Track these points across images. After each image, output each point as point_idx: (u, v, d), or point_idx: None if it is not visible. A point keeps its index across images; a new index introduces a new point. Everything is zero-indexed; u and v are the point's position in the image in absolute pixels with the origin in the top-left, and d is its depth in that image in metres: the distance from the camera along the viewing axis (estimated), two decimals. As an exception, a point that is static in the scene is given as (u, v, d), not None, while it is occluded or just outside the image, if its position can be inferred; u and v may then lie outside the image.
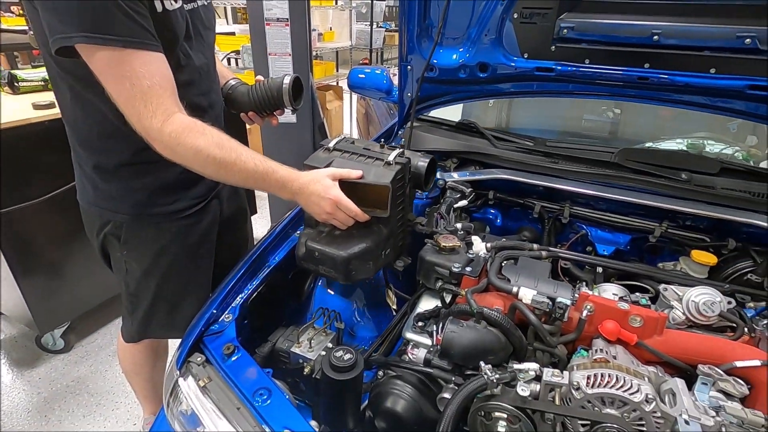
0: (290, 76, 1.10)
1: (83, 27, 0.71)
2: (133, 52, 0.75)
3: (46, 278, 1.73)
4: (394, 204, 0.88)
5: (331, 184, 0.84)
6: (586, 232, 1.23)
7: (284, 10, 2.02)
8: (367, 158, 0.91)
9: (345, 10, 3.82)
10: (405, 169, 0.90)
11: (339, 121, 4.30)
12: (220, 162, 0.81)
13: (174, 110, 0.80)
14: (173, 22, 0.84)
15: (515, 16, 1.23)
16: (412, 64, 1.42)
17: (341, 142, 0.96)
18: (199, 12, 0.96)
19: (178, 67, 0.90)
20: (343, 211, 0.85)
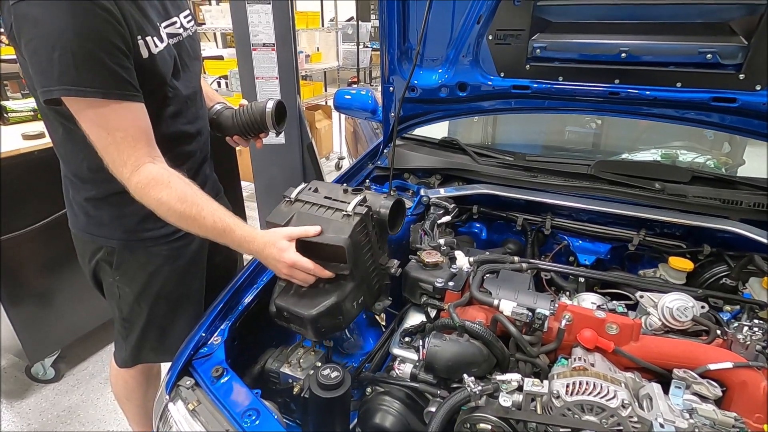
0: (273, 101, 1.13)
1: (64, 81, 0.75)
2: (111, 103, 0.79)
3: (35, 307, 1.73)
4: (357, 257, 0.86)
5: (286, 246, 0.84)
6: (567, 243, 1.26)
7: (270, 36, 2.07)
8: (327, 209, 0.89)
9: (331, 32, 3.92)
10: (366, 218, 0.87)
11: (328, 139, 4.35)
12: (180, 215, 0.86)
13: (144, 161, 0.84)
14: (159, 65, 0.89)
15: (490, 37, 1.28)
16: (394, 86, 1.46)
17: (304, 191, 0.95)
18: (185, 44, 1.00)
19: (166, 100, 0.94)
20: (301, 270, 0.84)
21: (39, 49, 0.75)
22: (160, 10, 0.94)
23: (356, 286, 0.88)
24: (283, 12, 2.05)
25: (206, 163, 1.15)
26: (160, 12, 0.94)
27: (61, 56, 0.74)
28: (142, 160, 0.83)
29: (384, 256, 0.97)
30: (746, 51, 1.07)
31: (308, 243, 0.85)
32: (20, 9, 0.74)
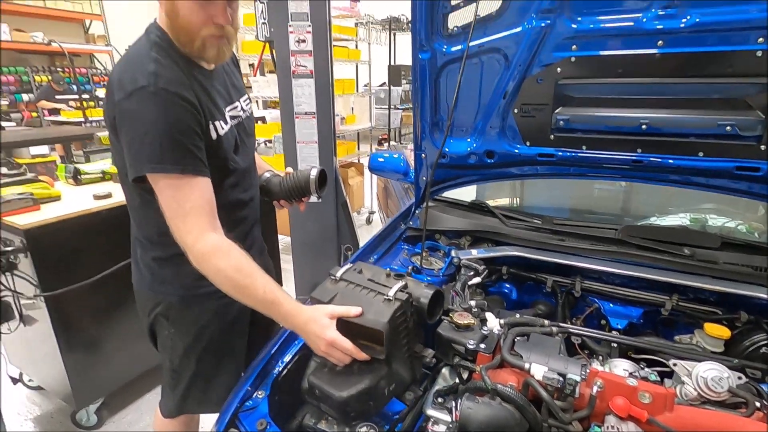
0: (316, 169, 1.26)
1: (152, 161, 0.90)
2: (185, 178, 0.93)
3: (86, 354, 1.84)
4: (393, 342, 0.87)
5: (328, 323, 0.88)
6: (598, 306, 1.27)
7: (312, 105, 2.29)
8: (370, 291, 0.92)
9: (365, 96, 4.21)
10: (406, 304, 0.89)
11: (360, 194, 4.53)
12: (235, 284, 0.94)
13: (207, 230, 0.94)
14: (224, 144, 1.04)
15: (516, 110, 1.39)
16: (425, 152, 1.58)
17: (349, 271, 0.99)
18: (244, 124, 1.16)
19: (227, 172, 1.08)
20: (339, 350, 0.87)
21: (135, 136, 0.91)
22: (225, 97, 1.10)
23: (390, 372, 0.89)
24: (324, 85, 2.27)
25: (256, 225, 1.27)
26: (225, 98, 1.10)
27: (151, 142, 0.89)
28: (205, 229, 0.94)
29: (419, 344, 0.97)
30: (765, 124, 1.12)
31: (348, 323, 0.88)
32: (123, 105, 0.91)
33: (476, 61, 1.38)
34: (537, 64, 1.31)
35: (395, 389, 0.92)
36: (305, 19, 2.14)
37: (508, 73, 1.34)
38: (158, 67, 0.93)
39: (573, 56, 1.26)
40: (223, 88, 1.10)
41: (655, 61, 1.18)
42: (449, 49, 1.39)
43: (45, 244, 1.63)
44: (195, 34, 0.96)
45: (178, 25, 0.96)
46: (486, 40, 1.34)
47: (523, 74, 1.32)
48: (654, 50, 1.17)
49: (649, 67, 1.20)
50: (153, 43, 0.97)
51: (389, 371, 0.89)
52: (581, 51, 1.25)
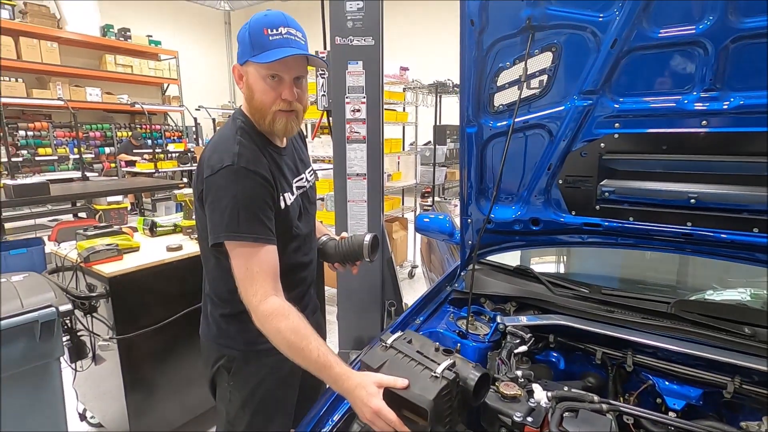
0: (370, 235, 1.35)
1: (230, 229, 1.04)
2: (257, 246, 1.04)
3: (147, 395, 1.96)
4: (437, 419, 0.88)
5: (375, 392, 0.89)
6: (653, 383, 1.23)
7: (363, 167, 2.45)
8: (418, 364, 0.93)
9: (411, 155, 4.41)
10: (452, 384, 0.90)
11: (403, 248, 4.61)
12: (291, 345, 1.01)
13: (270, 293, 1.04)
14: (291, 213, 1.17)
15: (560, 182, 1.45)
16: (471, 218, 1.65)
17: (399, 340, 1.01)
18: (308, 193, 1.30)
19: (291, 238, 1.20)
20: (383, 420, 0.88)
21: (217, 207, 1.05)
22: (293, 170, 1.25)
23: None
24: (375, 149, 2.44)
25: (312, 286, 1.37)
26: (293, 171, 1.25)
27: (231, 213, 1.03)
28: (269, 293, 1.04)
29: (461, 423, 0.96)
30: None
31: (394, 394, 0.89)
32: (210, 180, 1.07)
33: (521, 135, 1.46)
34: (580, 139, 1.37)
35: None
36: (361, 91, 2.36)
37: (552, 147, 1.42)
38: (241, 149, 1.09)
39: (616, 133, 1.32)
40: (292, 162, 1.25)
41: (701, 139, 1.21)
42: (495, 124, 1.49)
43: (124, 290, 1.82)
44: (267, 111, 1.11)
45: (254, 106, 1.13)
46: (530, 117, 1.43)
47: (567, 149, 1.39)
48: (698, 129, 1.20)
49: (694, 145, 1.23)
50: (238, 127, 1.15)
51: None
52: (624, 128, 1.31)
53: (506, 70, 1.42)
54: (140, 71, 9.25)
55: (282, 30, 1.05)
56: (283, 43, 1.05)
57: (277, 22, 1.06)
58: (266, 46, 1.05)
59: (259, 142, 1.15)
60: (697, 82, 1.17)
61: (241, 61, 1.11)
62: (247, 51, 1.08)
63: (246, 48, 1.08)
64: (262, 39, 1.05)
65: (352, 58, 2.33)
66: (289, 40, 1.06)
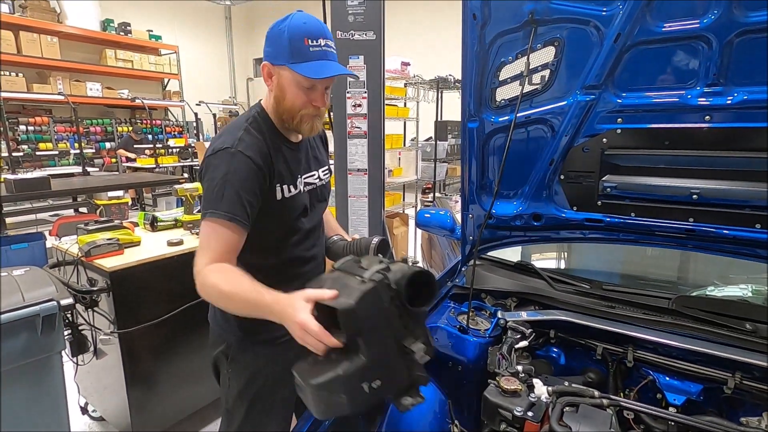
0: (378, 238, 1.30)
1: (211, 206, 1.06)
2: (226, 223, 1.05)
3: (148, 389, 1.97)
4: (369, 329, 0.79)
5: (302, 306, 0.84)
6: (653, 378, 1.23)
7: (364, 163, 2.45)
8: (354, 276, 0.84)
9: (412, 151, 4.40)
10: (382, 287, 0.80)
11: (404, 244, 4.60)
12: (224, 293, 0.99)
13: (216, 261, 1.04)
14: (290, 205, 1.18)
15: (562, 177, 1.44)
16: (472, 213, 1.65)
17: (348, 261, 0.93)
18: (317, 191, 1.31)
19: (293, 230, 1.20)
20: (311, 335, 0.82)
21: (208, 185, 1.09)
22: (303, 165, 1.26)
23: (369, 364, 0.79)
24: (376, 144, 2.44)
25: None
26: (303, 167, 1.26)
27: (217, 191, 1.06)
28: (216, 260, 1.04)
29: (411, 338, 0.85)
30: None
31: (324, 308, 0.82)
32: (208, 159, 1.11)
33: (522, 130, 1.46)
34: (582, 134, 1.36)
35: (381, 388, 0.81)
36: (362, 86, 2.35)
37: (554, 143, 1.41)
38: (243, 135, 1.13)
39: (619, 128, 1.31)
40: (304, 158, 1.27)
41: (703, 134, 1.21)
42: (497, 119, 1.48)
43: (125, 284, 1.82)
44: (296, 113, 1.15)
45: (283, 107, 1.15)
46: (532, 112, 1.42)
47: (568, 144, 1.38)
48: (701, 124, 1.20)
49: (697, 140, 1.22)
50: (250, 116, 1.19)
51: (367, 364, 0.79)
52: (627, 124, 1.30)
53: (508, 64, 1.41)
54: (141, 66, 9.22)
55: (321, 42, 1.09)
56: (322, 56, 1.09)
57: (317, 33, 1.09)
58: (306, 56, 1.08)
59: (269, 134, 1.18)
60: (700, 77, 1.16)
61: (275, 62, 1.12)
62: (285, 55, 1.09)
63: (283, 52, 1.09)
64: (302, 48, 1.08)
65: (354, 52, 2.32)
66: (327, 52, 1.10)
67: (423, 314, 0.88)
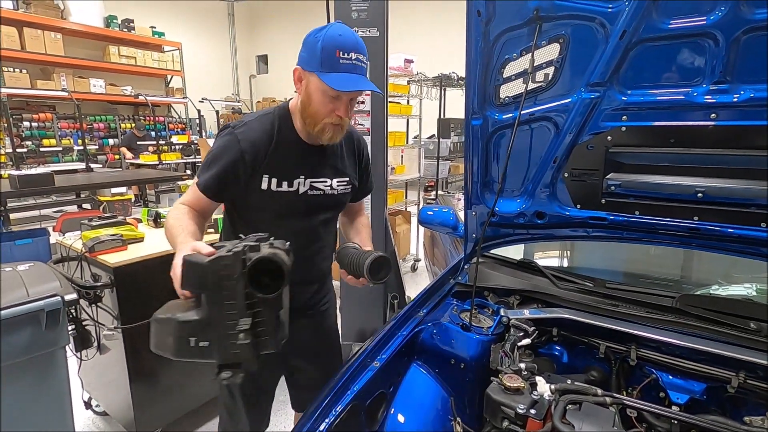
0: (374, 255, 1.20)
1: (198, 174, 1.23)
2: (196, 189, 1.21)
3: (151, 384, 1.98)
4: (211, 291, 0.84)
5: (185, 250, 0.94)
6: (656, 377, 1.23)
7: (367, 160, 2.44)
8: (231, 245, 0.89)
9: (415, 148, 4.40)
10: (236, 258, 0.82)
11: (406, 242, 4.61)
12: (167, 224, 1.16)
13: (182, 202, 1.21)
14: (274, 200, 1.24)
15: (566, 175, 1.44)
16: (475, 211, 1.65)
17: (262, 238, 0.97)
18: (322, 198, 1.31)
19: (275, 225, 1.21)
20: (173, 276, 0.95)
21: (207, 154, 1.23)
22: (314, 169, 1.28)
23: (201, 323, 0.85)
24: (379, 141, 2.43)
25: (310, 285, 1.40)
26: (314, 170, 1.28)
27: (206, 162, 1.21)
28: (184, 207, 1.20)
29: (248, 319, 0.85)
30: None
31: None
32: (220, 132, 1.25)
33: (526, 127, 1.45)
34: (587, 132, 1.36)
35: (207, 350, 0.85)
36: (365, 83, 2.34)
37: (558, 140, 1.40)
38: (252, 121, 1.22)
39: (623, 126, 1.31)
40: (318, 163, 1.29)
41: (709, 132, 1.20)
42: (500, 116, 1.48)
43: (128, 280, 1.83)
44: (319, 120, 1.19)
45: (308, 112, 1.19)
46: (536, 109, 1.41)
47: (573, 141, 1.38)
48: (707, 122, 1.19)
49: (703, 138, 1.22)
50: (272, 111, 1.27)
51: (201, 321, 0.85)
52: (632, 121, 1.30)
53: (513, 61, 1.41)
54: (144, 63, 9.23)
55: (353, 56, 1.13)
56: (351, 69, 1.13)
57: (349, 46, 1.12)
58: (336, 67, 1.12)
59: (282, 130, 1.23)
60: (707, 75, 1.16)
61: (306, 68, 1.17)
62: (316, 63, 1.13)
63: (315, 59, 1.13)
64: (333, 59, 1.11)
65: (357, 49, 2.31)
66: (357, 66, 1.14)
67: (272, 302, 0.87)
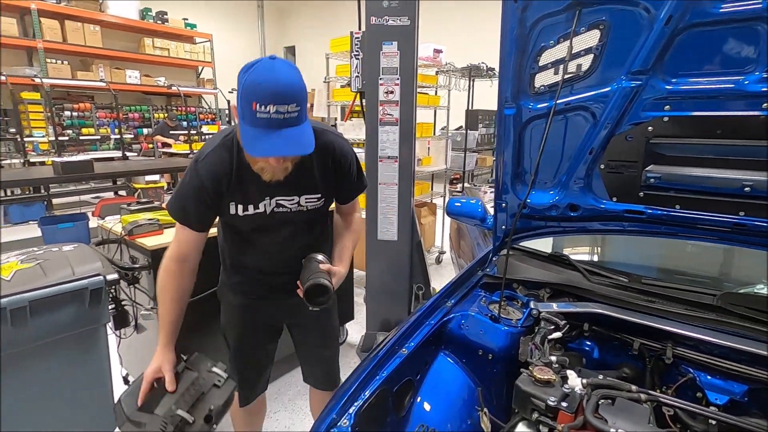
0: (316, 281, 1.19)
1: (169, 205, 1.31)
2: (180, 227, 1.31)
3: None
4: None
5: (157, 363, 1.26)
6: (694, 377, 1.19)
7: (395, 150, 2.44)
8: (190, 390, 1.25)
9: (442, 140, 4.35)
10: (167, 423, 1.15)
11: (431, 234, 4.59)
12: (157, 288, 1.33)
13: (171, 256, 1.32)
14: (244, 222, 1.31)
15: (602, 167, 1.40)
16: (506, 202, 1.62)
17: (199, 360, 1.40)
18: (290, 215, 1.32)
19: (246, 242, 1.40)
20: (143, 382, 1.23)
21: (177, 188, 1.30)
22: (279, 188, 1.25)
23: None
24: (407, 131, 2.42)
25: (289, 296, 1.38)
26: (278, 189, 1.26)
27: (178, 196, 1.27)
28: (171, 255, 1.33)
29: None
30: None
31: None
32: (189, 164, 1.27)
33: (561, 117, 1.42)
34: (626, 122, 1.31)
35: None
36: (395, 73, 2.33)
37: (595, 130, 1.36)
38: (212, 151, 1.23)
39: (666, 116, 1.26)
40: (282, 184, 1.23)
41: (760, 123, 1.14)
42: (535, 106, 1.44)
43: (164, 263, 1.89)
44: (254, 163, 1.18)
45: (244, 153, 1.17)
46: (573, 98, 1.37)
47: (610, 132, 1.34)
48: (758, 112, 1.13)
49: (752, 129, 1.16)
50: (230, 133, 1.25)
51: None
52: (675, 111, 1.24)
53: (549, 49, 1.37)
54: (176, 54, 9.46)
55: (270, 109, 0.99)
56: (268, 125, 1.00)
57: (267, 97, 0.99)
58: (254, 121, 1.01)
59: (242, 158, 1.21)
60: (759, 62, 1.10)
61: (237, 106, 1.07)
62: (239, 109, 1.05)
63: (239, 101, 1.05)
64: (250, 112, 1.00)
65: (387, 38, 2.30)
66: (275, 120, 1.00)
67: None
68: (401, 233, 2.56)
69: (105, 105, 8.36)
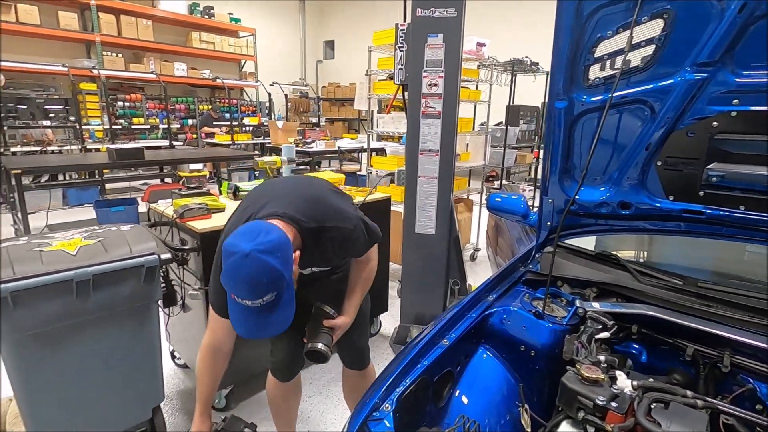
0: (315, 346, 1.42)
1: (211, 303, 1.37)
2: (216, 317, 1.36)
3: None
4: None
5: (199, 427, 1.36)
6: (753, 387, 1.12)
7: (436, 144, 2.43)
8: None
9: (481, 135, 4.28)
10: None
11: (467, 230, 4.54)
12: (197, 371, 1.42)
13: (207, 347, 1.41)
14: None
15: (659, 163, 1.33)
16: (552, 198, 1.58)
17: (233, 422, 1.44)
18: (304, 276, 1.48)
19: None
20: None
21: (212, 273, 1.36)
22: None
23: None
24: (449, 125, 2.40)
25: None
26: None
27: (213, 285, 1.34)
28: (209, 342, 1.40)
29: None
30: None
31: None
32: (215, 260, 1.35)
33: (615, 111, 1.36)
34: (688, 116, 1.25)
35: None
36: (439, 65, 2.31)
37: (653, 125, 1.30)
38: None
39: (734, 110, 1.18)
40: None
41: (843, 119, 1.06)
42: (588, 99, 1.39)
43: (212, 245, 1.96)
44: None
45: None
46: (630, 91, 1.32)
47: (670, 127, 1.27)
48: (841, 108, 1.05)
49: (832, 126, 1.08)
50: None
51: None
52: (744, 105, 1.17)
53: (607, 39, 1.32)
54: (221, 48, 9.78)
55: (246, 302, 1.10)
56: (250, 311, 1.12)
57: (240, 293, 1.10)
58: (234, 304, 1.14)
59: None
60: None
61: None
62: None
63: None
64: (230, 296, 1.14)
65: (433, 30, 2.29)
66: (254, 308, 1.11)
67: None
68: (439, 227, 2.55)
69: (154, 96, 8.76)
